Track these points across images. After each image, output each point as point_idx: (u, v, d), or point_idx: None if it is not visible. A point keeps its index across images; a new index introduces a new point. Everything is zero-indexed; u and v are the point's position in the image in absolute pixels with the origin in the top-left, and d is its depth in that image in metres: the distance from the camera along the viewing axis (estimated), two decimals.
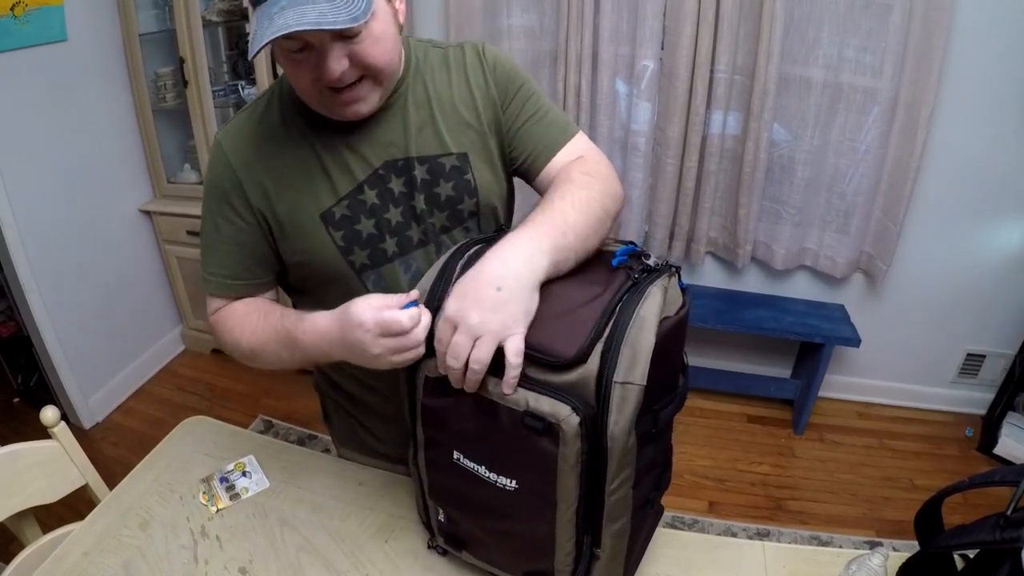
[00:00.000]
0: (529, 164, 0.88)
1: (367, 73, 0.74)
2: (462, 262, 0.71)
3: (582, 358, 0.62)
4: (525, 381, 0.64)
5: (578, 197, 0.74)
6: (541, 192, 0.86)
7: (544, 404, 0.62)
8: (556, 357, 0.62)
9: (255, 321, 0.84)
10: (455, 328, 0.64)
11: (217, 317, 0.89)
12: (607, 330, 0.62)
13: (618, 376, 0.61)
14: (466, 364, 0.63)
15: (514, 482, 0.67)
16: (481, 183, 0.86)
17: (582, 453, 0.62)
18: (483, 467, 0.69)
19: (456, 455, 0.71)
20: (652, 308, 0.63)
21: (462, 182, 0.85)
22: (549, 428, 0.62)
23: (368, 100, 0.77)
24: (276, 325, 0.80)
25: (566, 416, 0.61)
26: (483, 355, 0.62)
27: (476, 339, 0.62)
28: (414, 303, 0.68)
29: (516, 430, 0.64)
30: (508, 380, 0.63)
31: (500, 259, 0.66)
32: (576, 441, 0.61)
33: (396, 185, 0.84)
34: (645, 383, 0.61)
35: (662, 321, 0.63)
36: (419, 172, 0.84)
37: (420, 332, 0.67)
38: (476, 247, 0.73)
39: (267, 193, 0.82)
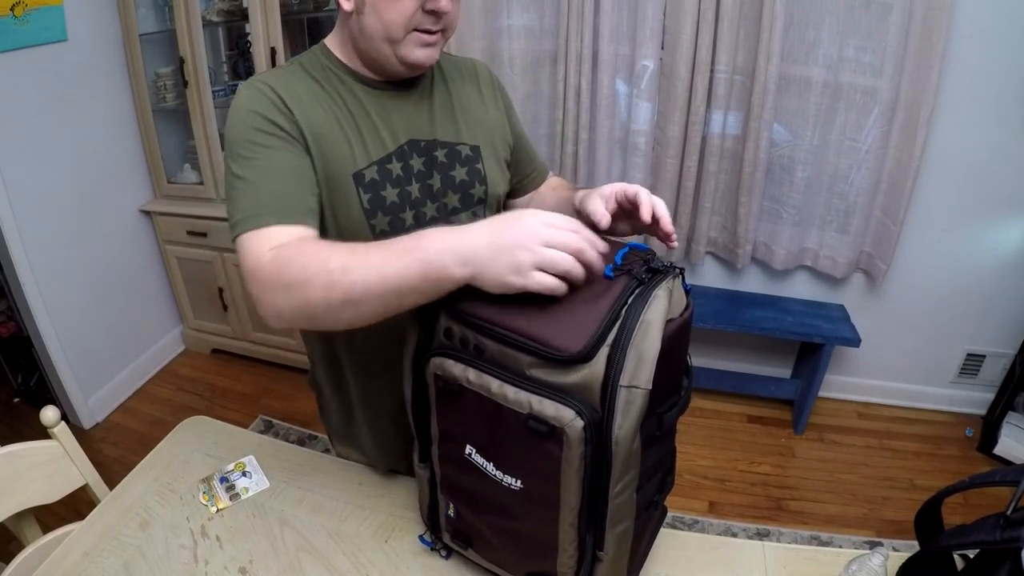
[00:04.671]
0: (529, 182, 1.05)
1: (445, 26, 0.82)
2: None
3: (587, 356, 0.60)
4: (529, 382, 0.63)
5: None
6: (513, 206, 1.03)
7: (548, 408, 0.61)
8: (560, 352, 0.61)
9: (345, 249, 0.68)
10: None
11: (280, 252, 0.70)
12: (612, 334, 0.61)
13: (623, 380, 0.60)
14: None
15: (519, 482, 0.67)
16: (490, 175, 0.95)
17: (585, 457, 0.62)
18: (491, 465, 0.69)
19: (468, 449, 0.71)
20: (658, 312, 0.62)
21: (474, 170, 0.93)
22: (552, 432, 0.61)
23: (437, 50, 0.84)
24: (380, 244, 0.67)
25: (570, 420, 0.60)
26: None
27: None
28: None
29: (520, 432, 0.63)
30: None
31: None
32: (580, 445, 0.61)
33: (416, 163, 0.89)
34: (650, 387, 0.60)
35: (667, 323, 0.63)
36: (439, 154, 0.90)
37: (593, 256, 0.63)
38: None
39: (308, 135, 0.79)
